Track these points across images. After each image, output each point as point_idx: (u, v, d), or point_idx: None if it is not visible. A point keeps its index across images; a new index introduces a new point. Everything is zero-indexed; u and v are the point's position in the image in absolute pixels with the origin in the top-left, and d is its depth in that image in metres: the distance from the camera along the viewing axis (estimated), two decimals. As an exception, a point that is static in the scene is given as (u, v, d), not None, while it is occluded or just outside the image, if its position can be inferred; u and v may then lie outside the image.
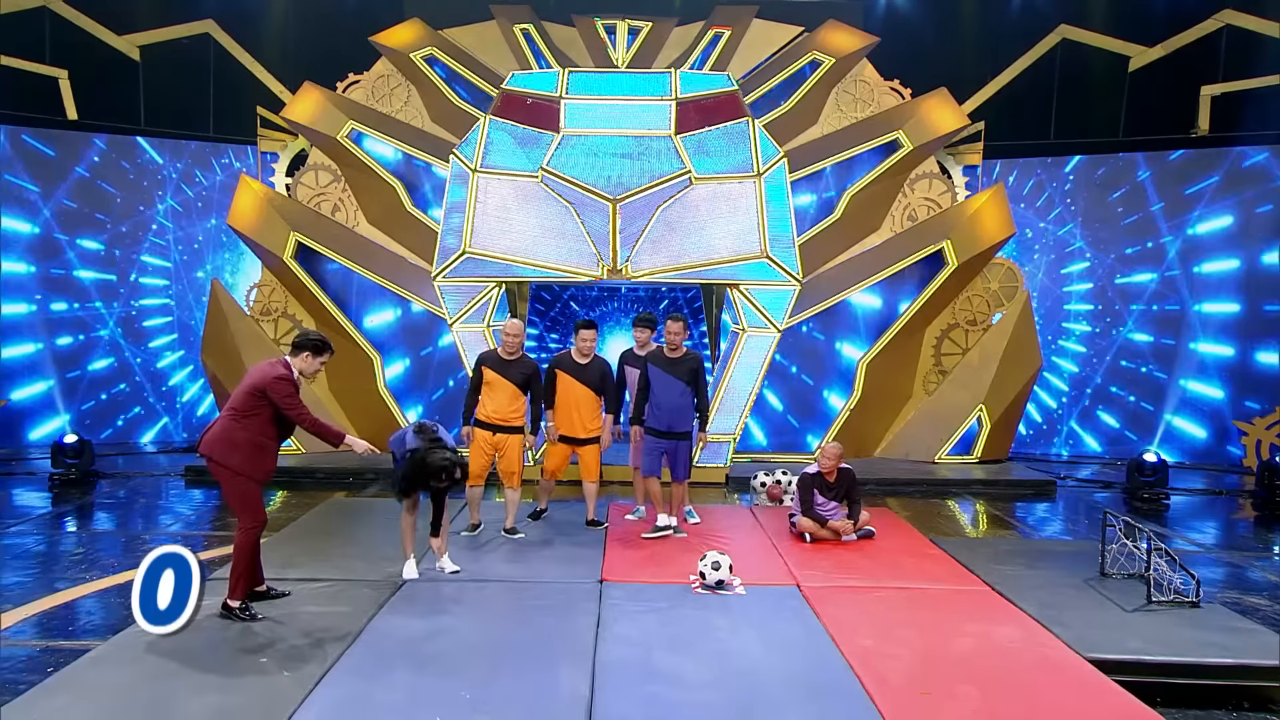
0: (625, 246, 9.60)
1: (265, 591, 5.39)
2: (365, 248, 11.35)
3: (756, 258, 9.94)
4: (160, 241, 13.04)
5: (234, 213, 11.44)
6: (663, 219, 9.73)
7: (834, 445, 7.14)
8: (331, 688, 4.10)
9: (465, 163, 10.01)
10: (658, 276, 9.81)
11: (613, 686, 4.20)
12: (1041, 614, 5.35)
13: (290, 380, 5.11)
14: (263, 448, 5.08)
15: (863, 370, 11.49)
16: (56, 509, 8.76)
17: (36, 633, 5.17)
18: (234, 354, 11.17)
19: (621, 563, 6.32)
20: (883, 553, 6.76)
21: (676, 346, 7.06)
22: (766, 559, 6.50)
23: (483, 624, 5.02)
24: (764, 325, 10.36)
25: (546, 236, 9.74)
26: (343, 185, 11.63)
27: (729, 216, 9.90)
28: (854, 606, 5.46)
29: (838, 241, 11.71)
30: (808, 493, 7.09)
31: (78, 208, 12.54)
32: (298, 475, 10.38)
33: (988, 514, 9.18)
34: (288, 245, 11.17)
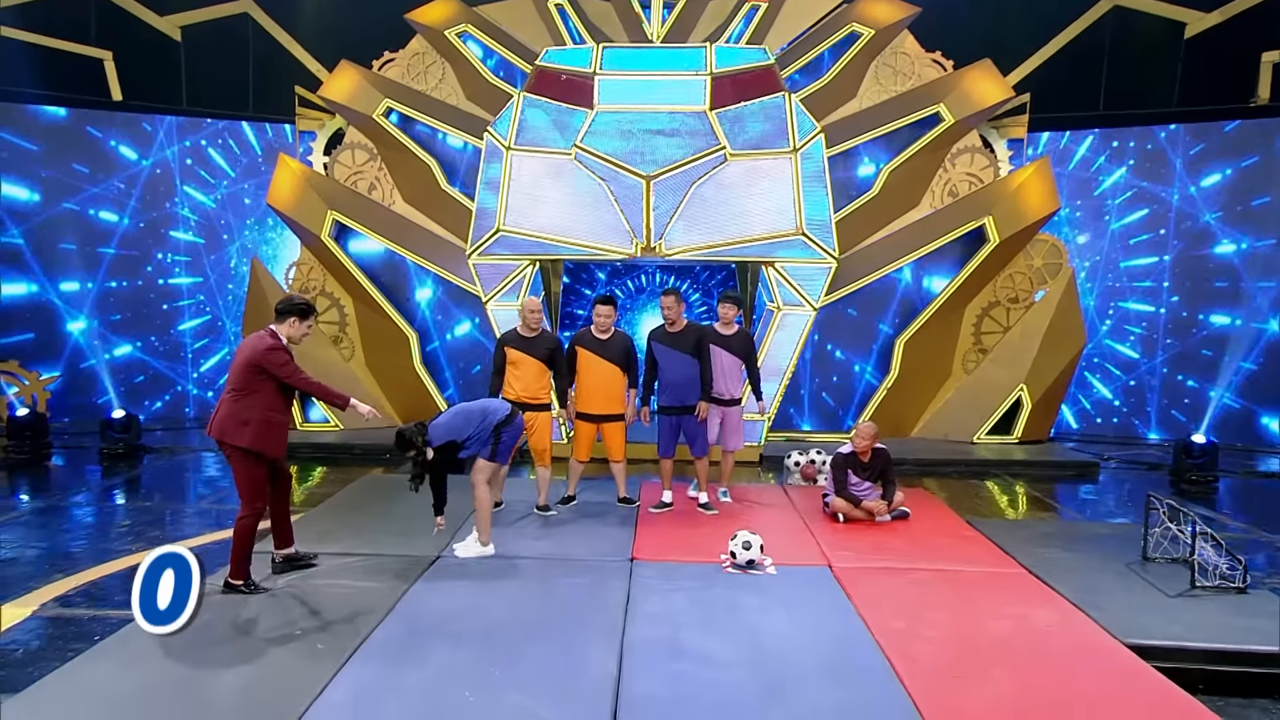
0: (659, 224, 9.53)
1: (294, 554, 5.48)
2: (401, 226, 11.40)
3: (792, 235, 9.80)
4: (195, 218, 13.23)
5: (273, 191, 11.55)
6: (697, 196, 9.63)
7: (869, 425, 7.05)
8: (363, 663, 4.16)
9: (499, 140, 9.99)
10: (691, 254, 9.73)
11: (640, 665, 4.21)
12: (1079, 598, 5.25)
13: (282, 349, 5.15)
14: (272, 423, 5.13)
15: (900, 349, 11.33)
16: (106, 481, 8.99)
17: (85, 601, 5.32)
18: (274, 331, 11.31)
19: (652, 541, 6.32)
20: (917, 534, 6.68)
21: (674, 321, 7.04)
22: (799, 539, 6.45)
23: (512, 601, 5.06)
24: (799, 303, 10.24)
25: (580, 214, 9.70)
26: (379, 164, 11.68)
27: (764, 193, 9.77)
28: (886, 588, 5.41)
29: (876, 218, 11.51)
30: (842, 473, 7.02)
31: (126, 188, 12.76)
32: (336, 451, 10.53)
33: (1027, 495, 9.03)
34: (325, 223, 11.26)
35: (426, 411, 11.30)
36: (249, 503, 5.13)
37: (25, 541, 6.62)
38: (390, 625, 4.63)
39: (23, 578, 5.75)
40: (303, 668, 4.06)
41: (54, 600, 5.31)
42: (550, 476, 7.17)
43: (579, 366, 7.13)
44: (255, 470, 5.12)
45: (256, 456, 5.11)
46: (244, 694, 3.81)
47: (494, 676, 4.03)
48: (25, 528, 7.03)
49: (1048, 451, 10.91)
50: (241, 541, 5.11)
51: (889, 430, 11.40)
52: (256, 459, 5.11)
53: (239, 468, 5.12)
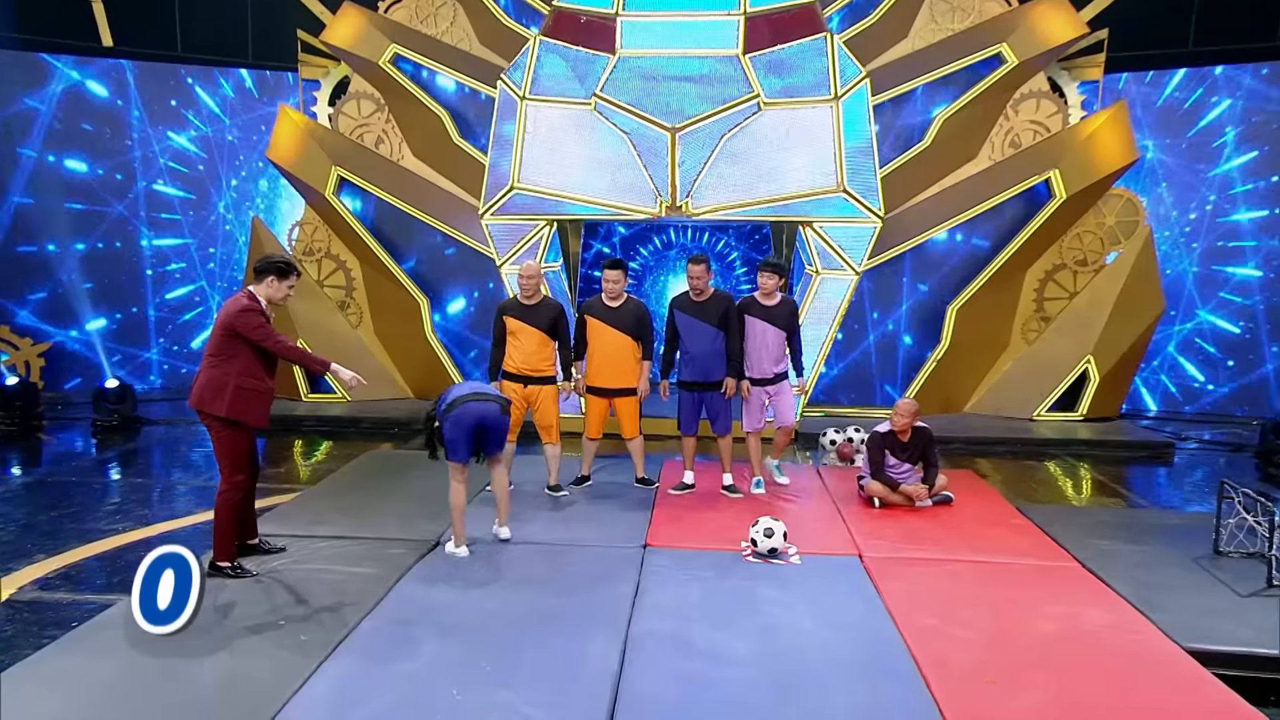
0: (685, 181, 9.40)
1: (257, 545, 5.55)
2: (411, 182, 11.41)
3: (832, 192, 9.62)
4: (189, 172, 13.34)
5: (273, 145, 11.61)
6: (727, 149, 9.48)
7: (908, 401, 6.94)
8: (349, 655, 4.20)
9: (513, 89, 9.90)
10: (721, 214, 9.60)
11: (644, 661, 4.19)
12: (1137, 595, 5.13)
13: (256, 310, 5.16)
14: (251, 390, 5.16)
15: (952, 317, 11.13)
16: (98, 455, 9.19)
17: (65, 584, 5.44)
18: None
19: (669, 526, 6.30)
20: (960, 521, 6.58)
21: (701, 290, 6.96)
22: (828, 525, 6.39)
23: (513, 590, 5.07)
24: (840, 267, 10.08)
25: (600, 170, 9.61)
26: (386, 115, 11.67)
27: (802, 146, 9.58)
28: (920, 581, 5.34)
29: (928, 172, 11.28)
30: (878, 453, 6.93)
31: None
32: (343, 425, 10.64)
33: (1091, 479, 8.85)
34: (329, 180, 11.30)
35: (441, 384, 11.37)
36: (229, 476, 5.19)
37: (6, 519, 6.79)
38: (380, 615, 4.67)
39: (1, 558, 5.90)
40: (284, 660, 4.11)
41: (32, 583, 5.43)
42: (560, 454, 7.18)
43: (589, 337, 7.09)
44: (236, 441, 5.17)
45: (237, 426, 5.15)
46: (219, 688, 3.86)
47: (485, 672, 4.04)
48: (7, 504, 7.21)
49: (1116, 431, 10.68)
50: (223, 517, 5.17)
51: (939, 405, 11.28)
52: (237, 429, 5.16)
53: (218, 438, 5.17)
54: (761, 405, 7.22)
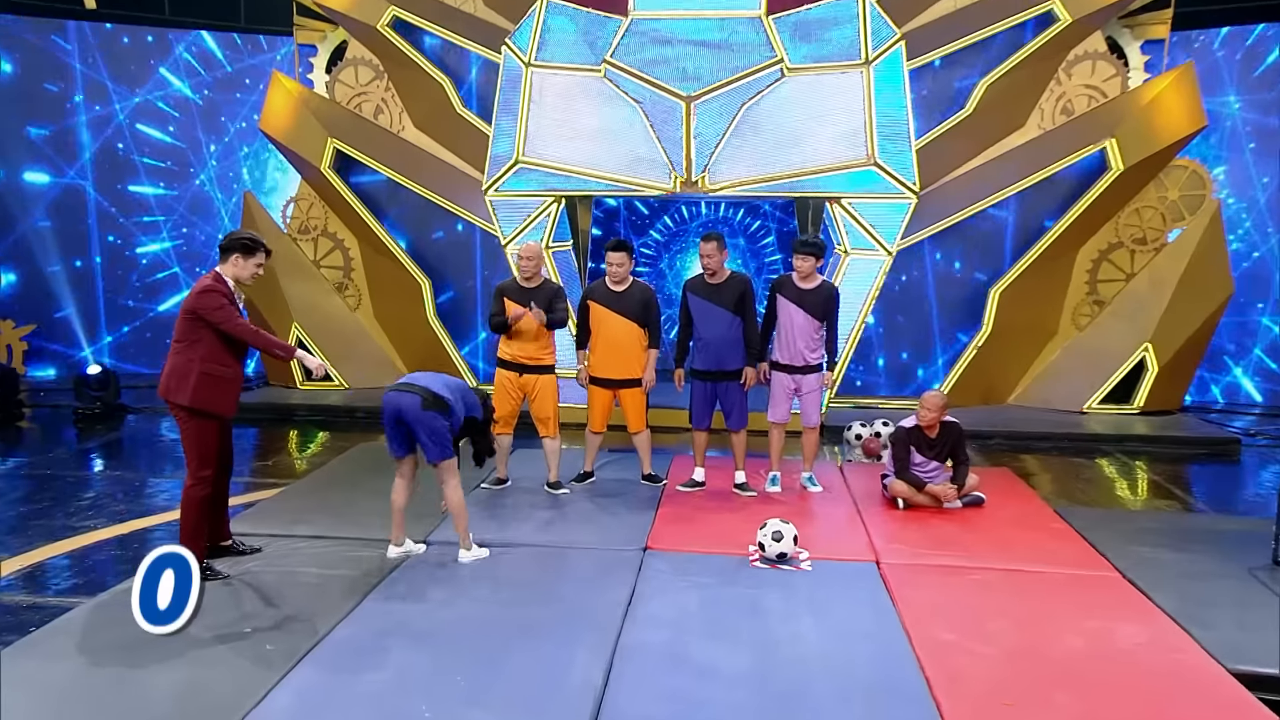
0: (701, 154, 9.29)
1: (230, 546, 5.58)
2: (411, 155, 11.41)
3: (862, 165, 9.47)
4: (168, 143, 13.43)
5: (266, 115, 11.66)
6: (748, 120, 9.36)
7: (935, 394, 6.82)
8: (315, 666, 4.20)
9: (518, 55, 9.83)
10: (740, 189, 9.49)
11: (631, 676, 4.16)
12: (1181, 610, 5.01)
13: (217, 290, 5.16)
14: (216, 378, 5.17)
15: (995, 300, 10.96)
16: (80, 446, 9.31)
17: (25, 586, 5.50)
18: (270, 277, 11.47)
19: (673, 528, 6.26)
20: (992, 525, 6.48)
21: (715, 270, 6.87)
22: (846, 528, 6.32)
23: (499, 596, 5.06)
24: (871, 247, 9.94)
25: (611, 142, 9.53)
26: (385, 83, 11.66)
27: (829, 115, 9.43)
28: (941, 590, 5.26)
29: (969, 143, 11.09)
30: (903, 450, 6.83)
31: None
32: (337, 414, 10.69)
33: (1145, 479, 8.67)
34: (325, 153, 11.32)
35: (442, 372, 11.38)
36: (196, 470, 5.21)
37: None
38: (353, 623, 4.66)
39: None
40: (245, 671, 4.12)
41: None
42: (560, 448, 7.15)
43: (592, 324, 7.04)
44: (204, 432, 5.19)
45: (204, 416, 5.17)
46: (174, 700, 3.87)
47: (460, 686, 4.02)
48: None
49: (1175, 425, 10.47)
50: (189, 513, 5.20)
51: (979, 397, 11.13)
52: (205, 419, 5.18)
53: (185, 429, 5.20)
54: (788, 395, 7.14)
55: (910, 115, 9.89)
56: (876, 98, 9.52)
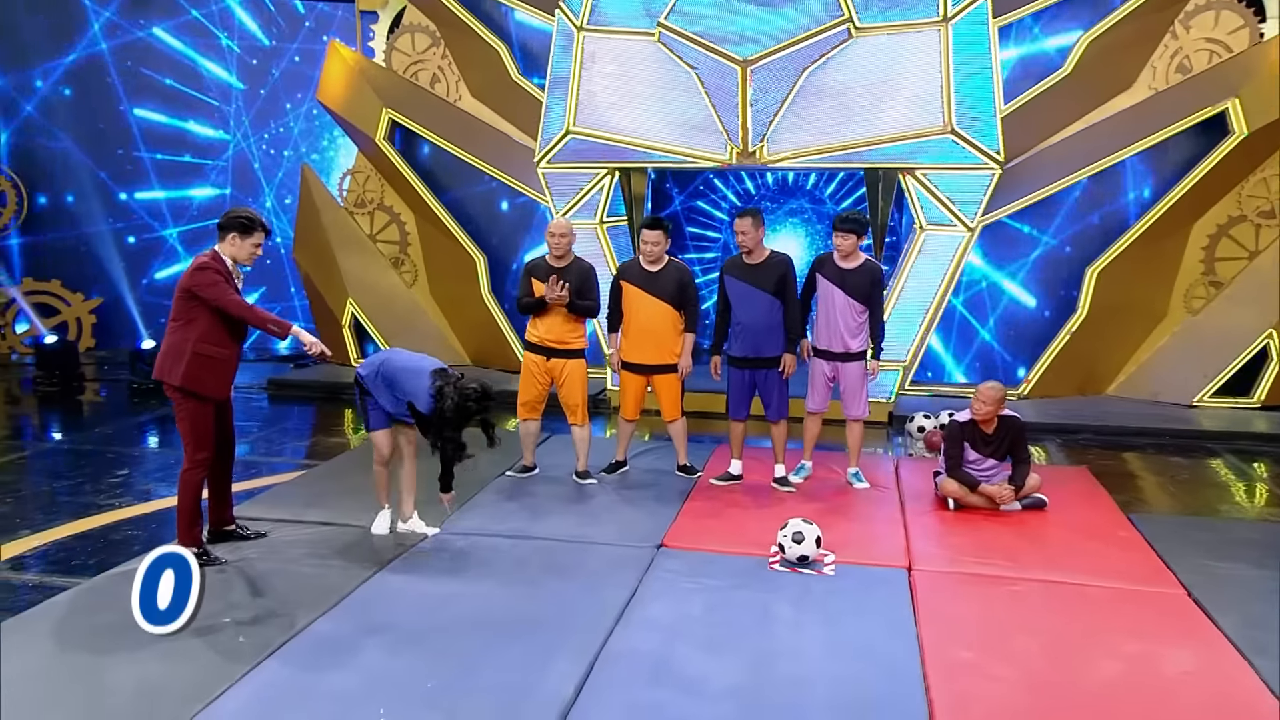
0: (759, 122, 9.05)
1: (234, 531, 5.69)
2: (467, 125, 11.45)
3: (938, 133, 9.10)
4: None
5: (323, 86, 11.85)
6: (811, 85, 9.07)
7: (992, 386, 6.52)
8: (283, 662, 4.23)
9: (570, 18, 9.74)
10: (801, 160, 9.22)
11: (607, 687, 4.07)
12: (1244, 634, 4.68)
13: (211, 268, 5.23)
14: (209, 358, 5.25)
15: (1092, 280, 10.42)
16: (126, 421, 9.70)
17: (39, 565, 5.72)
18: (326, 251, 11.74)
19: (695, 525, 6.15)
20: (1049, 531, 6.18)
21: (752, 249, 6.67)
22: (884, 530, 6.10)
23: (492, 593, 5.03)
24: (950, 222, 9.56)
25: (665, 111, 9.37)
26: (443, 50, 11.72)
27: (902, 78, 9.07)
28: (973, 602, 5.03)
29: (1067, 106, 10.56)
30: (956, 446, 6.55)
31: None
32: None
33: (1257, 482, 8.10)
34: (380, 124, 11.47)
35: (500, 353, 11.48)
36: (192, 453, 5.32)
37: (8, 487, 7.24)
38: (334, 618, 4.69)
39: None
40: (211, 665, 4.17)
41: (5, 562, 5.76)
42: (590, 436, 7.10)
43: (625, 305, 6.95)
44: (197, 414, 5.29)
45: (197, 397, 5.26)
46: (132, 694, 3.92)
47: (425, 690, 4.01)
48: (17, 471, 7.70)
49: (1300, 421, 9.79)
50: (186, 500, 5.31)
51: (1075, 386, 10.65)
52: (198, 400, 5.27)
53: (179, 410, 5.30)
54: (827, 382, 6.94)
55: (997, 77, 9.44)
56: (955, 58, 9.12)
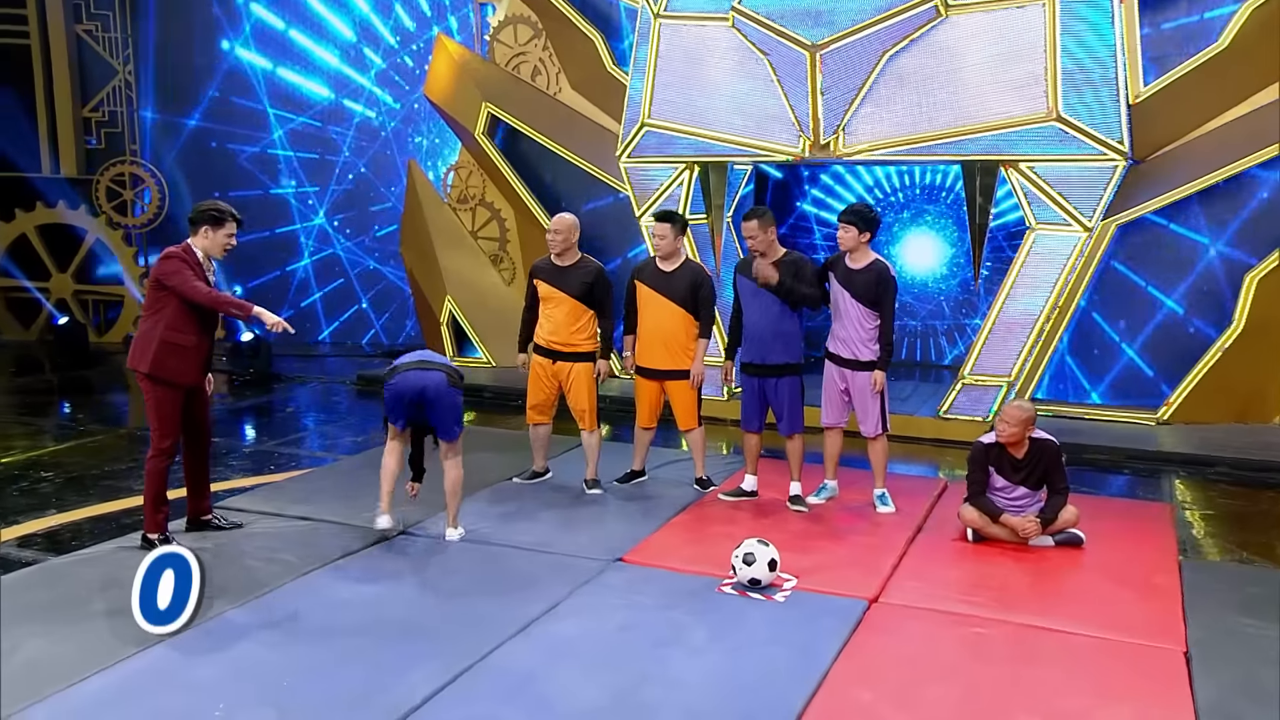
0: (832, 112, 8.91)
1: (209, 521, 6.18)
2: (564, 119, 11.81)
3: (1041, 120, 8.68)
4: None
5: (429, 80, 12.53)
6: (893, 70, 8.85)
7: (1018, 405, 6.19)
8: (172, 648, 4.56)
9: (650, 4, 9.92)
10: (881, 152, 9.01)
11: (458, 698, 4.21)
12: (1217, 701, 4.31)
13: (177, 257, 5.68)
14: (175, 345, 5.70)
15: (1251, 289, 9.57)
16: (218, 407, 10.65)
17: (43, 544, 6.38)
18: (427, 248, 12.41)
19: (670, 540, 6.20)
20: (1072, 571, 5.85)
21: (763, 251, 6.60)
22: (873, 559, 5.92)
23: (411, 597, 5.27)
24: (1063, 220, 9.09)
25: (741, 101, 9.39)
26: (543, 42, 12.15)
27: (999, 60, 8.71)
28: (920, 643, 4.85)
29: (1222, 88, 9.73)
30: (979, 472, 6.26)
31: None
32: (482, 394, 11.23)
33: None
34: (480, 118, 12.01)
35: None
36: (157, 440, 5.81)
37: (65, 468, 8.14)
38: (248, 610, 5.03)
39: (24, 509, 7.10)
40: (94, 646, 4.59)
41: (15, 539, 6.52)
42: (600, 443, 7.24)
43: (638, 306, 7.06)
44: (163, 401, 5.77)
45: (164, 384, 5.75)
46: (21, 667, 4.41)
47: (280, 689, 4.28)
48: (81, 453, 8.64)
49: None
50: (149, 487, 5.81)
51: (1233, 411, 9.90)
52: (165, 387, 5.75)
53: (147, 398, 5.81)
54: (840, 392, 6.81)
55: (1122, 55, 8.88)
56: (1068, 35, 8.68)
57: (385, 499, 6.04)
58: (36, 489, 7.71)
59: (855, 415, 6.83)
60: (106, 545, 6.07)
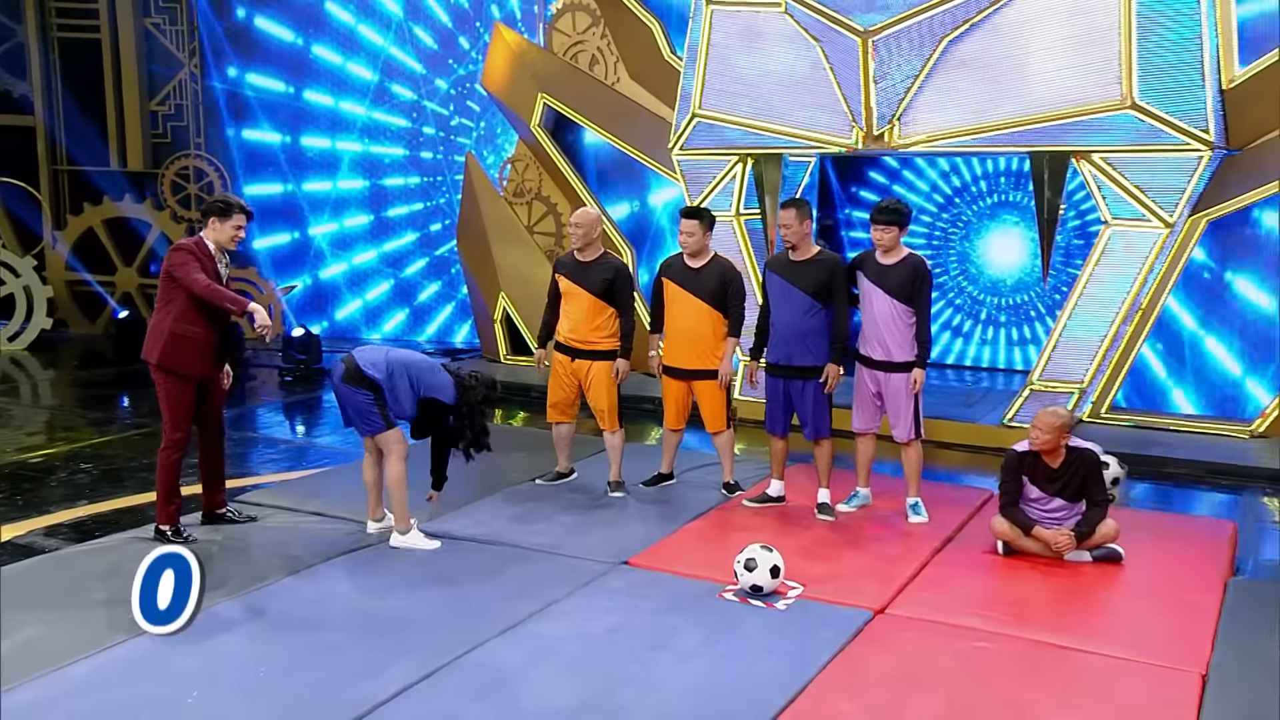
0: (886, 100, 8.92)
1: (223, 514, 6.51)
2: (622, 109, 11.99)
3: (1115, 108, 8.56)
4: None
5: (486, 70, 12.85)
6: (953, 56, 8.82)
7: (1052, 411, 6.14)
8: (152, 639, 4.87)
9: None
10: (941, 143, 8.99)
11: (428, 693, 4.43)
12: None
13: (186, 249, 6.04)
14: (184, 337, 6.04)
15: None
16: (253, 405, 11.12)
17: (67, 533, 6.86)
18: (482, 243, 12.74)
19: (682, 545, 6.34)
20: (1101, 587, 5.81)
21: (796, 244, 6.67)
22: (890, 569, 5.95)
23: (405, 594, 5.50)
24: (1142, 216, 8.94)
25: (793, 91, 9.46)
26: (602, 29, 12.36)
27: (1070, 43, 8.62)
28: (917, 656, 4.90)
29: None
30: (1012, 481, 6.24)
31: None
32: (539, 394, 11.45)
33: None
34: (535, 109, 12.30)
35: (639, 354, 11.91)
36: (169, 432, 6.16)
37: (105, 460, 8.62)
38: (239, 603, 5.34)
39: (58, 499, 7.59)
40: (83, 633, 4.92)
41: (43, 529, 6.99)
42: (622, 444, 7.39)
43: (665, 303, 7.20)
44: (174, 392, 6.12)
45: (174, 375, 6.10)
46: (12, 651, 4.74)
47: (256, 677, 4.58)
48: (122, 446, 9.14)
49: None
50: (161, 479, 6.18)
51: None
52: (176, 379, 6.10)
53: (159, 389, 6.17)
54: (872, 396, 6.86)
55: (1212, 37, 8.70)
56: (1146, 15, 8.55)
57: (371, 506, 6.41)
58: (74, 480, 8.21)
59: (887, 419, 6.86)
60: (119, 536, 6.45)
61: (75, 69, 15.69)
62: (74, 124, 15.73)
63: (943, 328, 12.60)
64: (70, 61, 15.74)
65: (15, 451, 9.04)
